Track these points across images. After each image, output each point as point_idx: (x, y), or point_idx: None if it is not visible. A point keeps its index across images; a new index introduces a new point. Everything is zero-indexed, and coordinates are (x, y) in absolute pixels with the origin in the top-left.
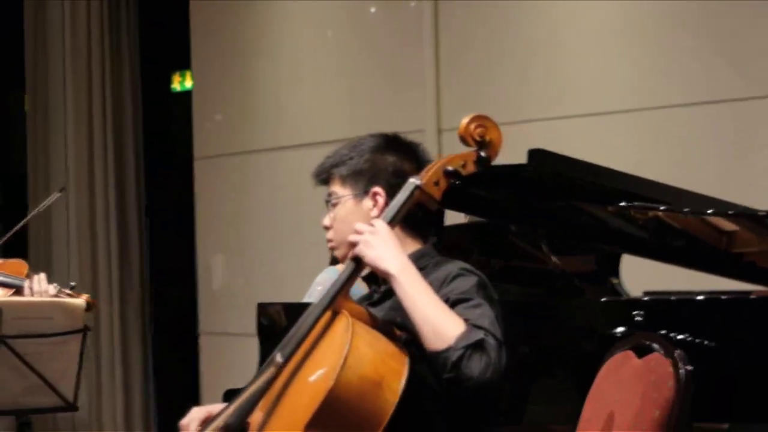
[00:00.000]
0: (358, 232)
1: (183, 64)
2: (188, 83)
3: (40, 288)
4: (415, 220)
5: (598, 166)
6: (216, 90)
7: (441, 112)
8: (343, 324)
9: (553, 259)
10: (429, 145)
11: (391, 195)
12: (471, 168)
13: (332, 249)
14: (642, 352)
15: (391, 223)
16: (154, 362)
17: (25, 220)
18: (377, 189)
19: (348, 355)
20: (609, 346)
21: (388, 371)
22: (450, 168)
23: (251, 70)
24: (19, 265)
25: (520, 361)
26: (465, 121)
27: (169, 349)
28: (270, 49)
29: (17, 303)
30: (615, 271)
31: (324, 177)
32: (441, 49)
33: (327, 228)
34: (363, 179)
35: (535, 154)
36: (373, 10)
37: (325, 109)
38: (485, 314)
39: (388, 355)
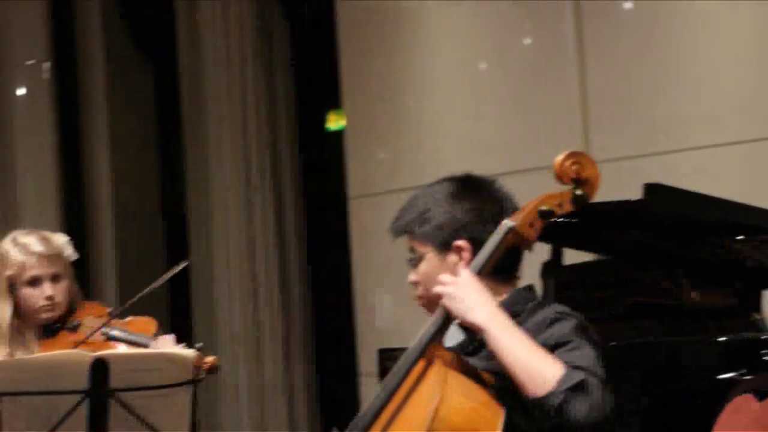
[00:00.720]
0: (442, 284)
1: (337, 102)
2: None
3: (166, 348)
4: (506, 264)
5: (728, 201)
6: (368, 128)
7: (589, 143)
8: (436, 373)
9: (690, 294)
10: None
11: (475, 244)
12: (568, 207)
13: (423, 306)
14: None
15: (481, 271)
16: (321, 406)
17: (149, 288)
18: (460, 243)
19: (440, 404)
20: (730, 388)
21: (482, 421)
22: (545, 208)
23: (402, 107)
24: (147, 323)
25: (636, 406)
26: (559, 158)
27: (331, 391)
28: (420, 85)
29: (124, 356)
30: (757, 306)
31: (401, 234)
32: (588, 81)
33: (415, 284)
34: (443, 233)
35: (653, 190)
36: (527, 41)
37: (474, 145)
38: (585, 355)
39: (482, 405)
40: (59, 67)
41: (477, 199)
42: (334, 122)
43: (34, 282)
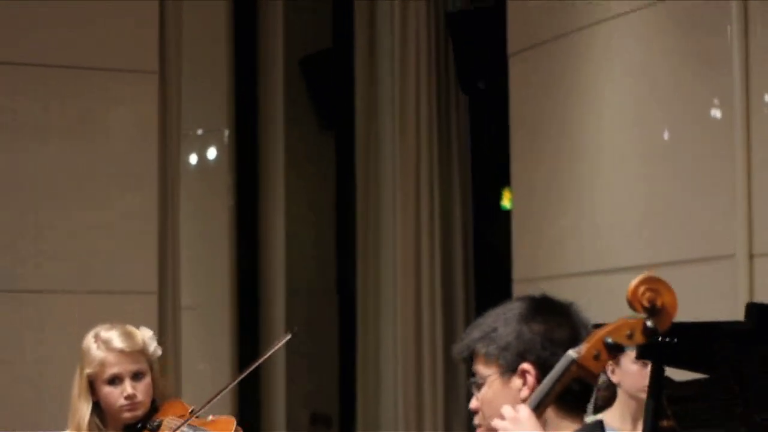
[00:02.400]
0: (501, 418)
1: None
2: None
3: None
4: (572, 395)
5: None
6: (535, 208)
7: (753, 233)
8: None
9: None
10: (739, 272)
11: (542, 369)
12: (639, 339)
13: None
14: None
15: (540, 407)
16: None
17: (257, 362)
18: (526, 366)
19: None
20: None
21: None
22: (611, 340)
23: (569, 189)
24: (227, 422)
25: None
26: (633, 283)
27: None
28: (584, 169)
29: None
30: None
31: (466, 355)
32: (753, 163)
33: (474, 411)
34: (510, 355)
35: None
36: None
37: (647, 232)
38: None
39: None
40: (239, 135)
41: (549, 322)
42: (507, 200)
43: (114, 380)
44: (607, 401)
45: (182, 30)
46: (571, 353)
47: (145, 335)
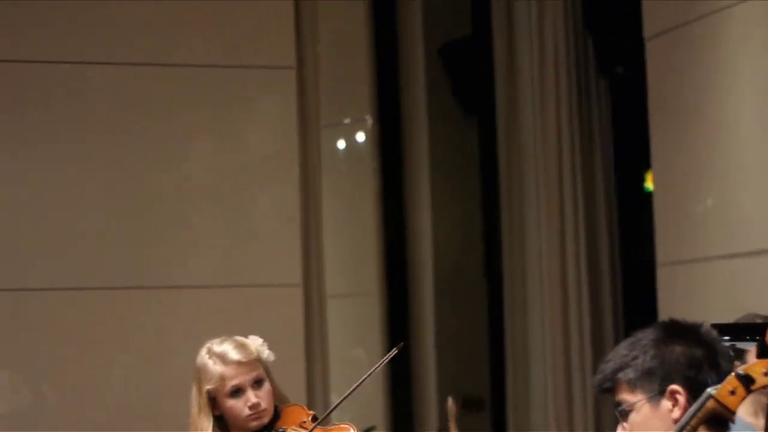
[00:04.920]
0: None
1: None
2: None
3: None
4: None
5: None
6: (676, 192)
7: None
8: None
9: None
10: None
11: (691, 388)
12: None
13: None
14: None
15: None
16: None
17: (365, 376)
18: (675, 386)
19: None
20: None
21: None
22: (745, 373)
23: (707, 171)
24: (346, 429)
25: None
26: None
27: None
28: (724, 150)
29: None
30: None
31: (608, 385)
32: None
33: None
34: (655, 378)
35: None
36: None
37: None
38: None
39: None
40: (382, 124)
41: (687, 343)
42: (649, 183)
43: (237, 392)
44: None
45: (318, 24)
46: (710, 390)
47: (256, 342)
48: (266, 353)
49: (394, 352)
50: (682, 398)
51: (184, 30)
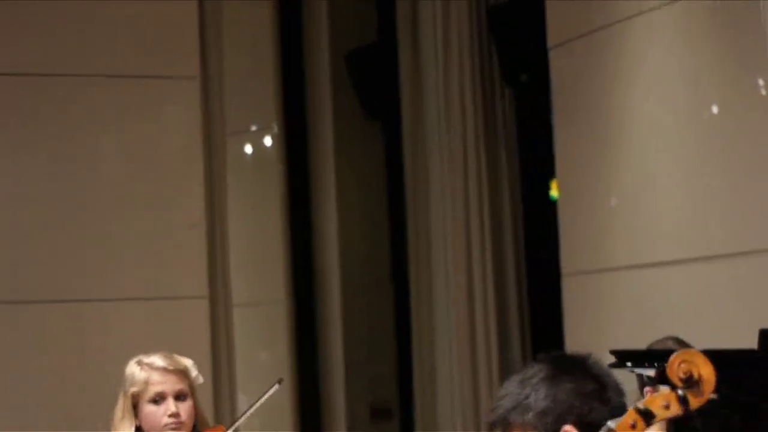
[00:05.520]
0: None
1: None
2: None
3: None
4: None
5: None
6: (580, 198)
7: None
8: None
9: None
10: None
11: (583, 427)
12: (676, 409)
13: None
14: None
15: None
16: None
17: (250, 409)
18: (568, 428)
19: None
20: None
21: None
22: (644, 407)
23: (613, 180)
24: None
25: None
26: (671, 358)
27: None
28: (629, 158)
29: None
30: None
31: (502, 426)
32: None
33: None
34: (550, 419)
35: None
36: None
37: (696, 221)
38: None
39: None
40: (288, 130)
41: (576, 378)
42: (555, 191)
43: (158, 399)
44: None
45: (223, 32)
46: (610, 423)
47: (187, 362)
48: (195, 373)
49: (275, 387)
50: None
51: (90, 39)
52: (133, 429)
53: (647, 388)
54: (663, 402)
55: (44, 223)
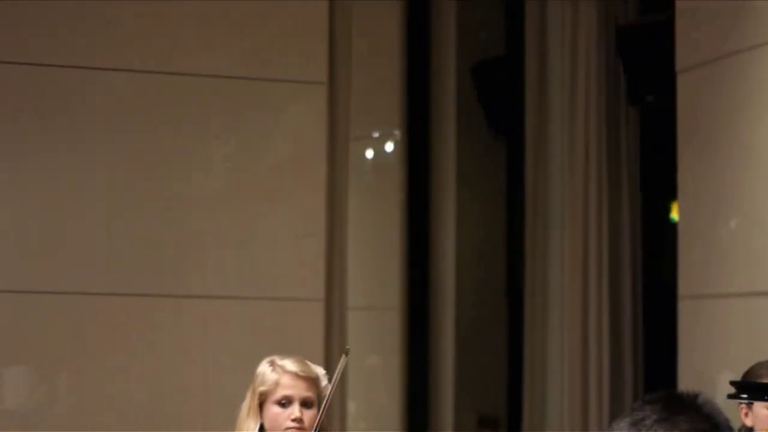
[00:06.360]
0: None
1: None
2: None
3: None
4: None
5: None
6: (702, 224)
7: None
8: None
9: None
10: None
11: None
12: None
13: None
14: None
15: None
16: None
17: (332, 389)
18: None
19: None
20: None
21: None
22: None
23: (734, 205)
24: None
25: None
26: None
27: None
28: (752, 183)
29: None
30: None
31: None
32: None
33: None
34: None
35: None
36: None
37: None
38: None
39: None
40: (410, 138)
41: (690, 418)
42: (675, 213)
43: (285, 402)
44: None
45: (352, 40)
46: None
47: (319, 372)
48: (324, 383)
49: (344, 359)
50: None
51: (214, 39)
52: (258, 426)
53: (741, 406)
54: None
55: (164, 219)
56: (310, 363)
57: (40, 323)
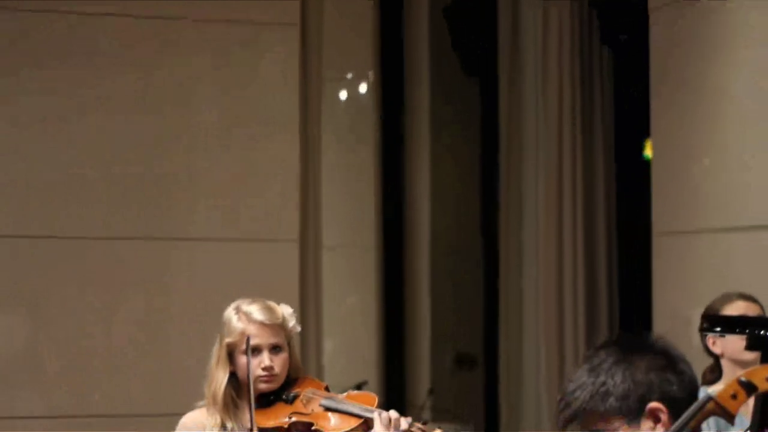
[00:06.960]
0: None
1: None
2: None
3: (390, 420)
4: None
5: None
6: (675, 161)
7: None
8: None
9: None
10: None
11: (669, 403)
12: None
13: None
14: None
15: None
16: None
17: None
18: (655, 404)
19: None
20: None
21: None
22: (746, 380)
23: (707, 142)
24: (369, 398)
25: None
26: None
27: None
28: (725, 120)
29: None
30: None
31: (581, 418)
32: None
33: None
34: (633, 401)
35: None
36: None
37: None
38: None
39: None
40: (384, 79)
41: (646, 356)
42: (649, 151)
43: (254, 351)
44: (715, 381)
45: None
46: (710, 392)
47: (286, 311)
48: (292, 323)
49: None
50: (664, 415)
51: None
52: (227, 376)
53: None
54: (766, 374)
55: (142, 164)
56: (275, 306)
57: (16, 267)
